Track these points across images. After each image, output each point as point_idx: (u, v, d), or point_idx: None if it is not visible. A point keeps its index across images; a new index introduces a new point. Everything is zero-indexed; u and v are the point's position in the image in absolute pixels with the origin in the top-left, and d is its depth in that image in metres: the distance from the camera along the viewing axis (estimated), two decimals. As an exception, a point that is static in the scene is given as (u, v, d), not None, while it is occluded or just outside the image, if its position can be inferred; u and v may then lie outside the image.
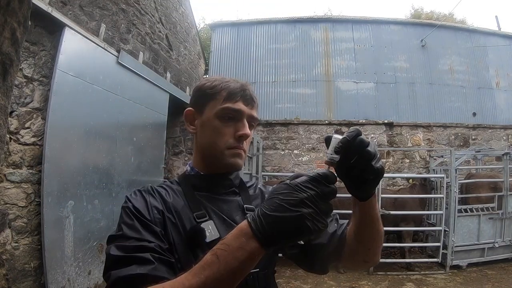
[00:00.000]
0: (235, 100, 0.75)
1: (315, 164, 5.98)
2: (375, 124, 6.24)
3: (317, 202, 0.49)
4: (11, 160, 2.55)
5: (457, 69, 7.90)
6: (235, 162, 0.76)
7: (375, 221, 0.69)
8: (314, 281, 4.09)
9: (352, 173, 0.59)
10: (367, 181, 0.59)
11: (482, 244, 4.50)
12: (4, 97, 0.76)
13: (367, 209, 0.66)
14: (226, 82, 0.78)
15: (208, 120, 0.77)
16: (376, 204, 0.68)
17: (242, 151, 0.76)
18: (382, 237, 0.72)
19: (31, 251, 2.67)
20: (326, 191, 0.50)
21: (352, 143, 0.57)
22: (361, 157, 0.57)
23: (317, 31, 8.18)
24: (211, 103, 0.77)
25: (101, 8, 3.61)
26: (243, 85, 0.78)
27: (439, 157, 5.78)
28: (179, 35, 6.15)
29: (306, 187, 0.50)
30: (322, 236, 0.76)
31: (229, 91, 0.76)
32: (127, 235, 0.61)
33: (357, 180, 0.60)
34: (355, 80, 7.80)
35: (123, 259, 0.57)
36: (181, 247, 0.68)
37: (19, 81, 2.56)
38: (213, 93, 0.77)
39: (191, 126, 0.82)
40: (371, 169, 0.57)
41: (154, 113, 4.64)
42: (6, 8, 0.72)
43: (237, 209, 0.77)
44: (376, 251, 0.74)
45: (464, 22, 14.94)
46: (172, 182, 0.81)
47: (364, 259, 0.75)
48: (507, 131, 6.48)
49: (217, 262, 0.50)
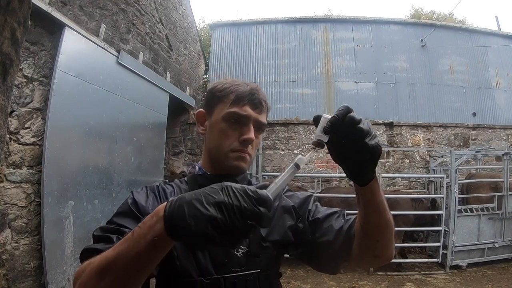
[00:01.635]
0: (242, 104, 0.76)
1: (315, 164, 5.98)
2: (375, 124, 6.24)
3: (234, 214, 0.43)
4: (11, 160, 2.55)
5: (457, 69, 7.90)
6: (238, 165, 0.76)
7: (380, 209, 0.64)
8: (314, 281, 4.09)
9: (346, 154, 0.56)
10: (363, 162, 0.56)
11: (482, 244, 4.50)
12: (4, 97, 0.76)
13: (370, 195, 0.62)
14: (236, 85, 0.78)
15: (215, 122, 0.78)
16: (380, 190, 0.63)
17: (247, 154, 0.76)
18: (391, 228, 0.67)
19: (31, 251, 2.67)
20: (249, 208, 0.43)
21: (342, 122, 0.54)
22: (353, 135, 0.54)
23: (317, 31, 8.18)
24: (219, 106, 0.78)
25: (101, 8, 3.61)
26: (253, 89, 0.78)
27: (439, 157, 5.78)
28: (179, 35, 6.15)
29: (233, 193, 0.44)
30: (328, 233, 0.74)
31: (237, 95, 0.76)
32: (113, 220, 0.68)
33: (353, 162, 0.57)
34: (355, 80, 7.80)
35: (97, 238, 0.63)
36: (180, 247, 0.69)
37: (19, 81, 2.56)
38: (222, 96, 0.78)
39: (201, 127, 0.84)
40: (365, 148, 0.53)
41: (154, 113, 4.64)
42: (6, 8, 0.72)
43: None
44: (386, 244, 0.69)
45: (464, 22, 14.94)
46: (181, 182, 0.83)
47: (374, 254, 0.69)
48: (507, 131, 6.48)
49: (131, 238, 0.49)
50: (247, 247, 0.73)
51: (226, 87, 0.78)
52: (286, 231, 0.78)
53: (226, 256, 0.71)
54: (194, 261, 0.69)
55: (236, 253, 0.72)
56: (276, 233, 0.77)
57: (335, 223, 0.76)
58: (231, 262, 0.71)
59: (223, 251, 0.71)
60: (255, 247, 0.73)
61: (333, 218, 0.77)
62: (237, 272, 0.70)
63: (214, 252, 0.70)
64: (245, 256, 0.72)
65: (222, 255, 0.70)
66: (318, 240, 0.75)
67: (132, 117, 4.09)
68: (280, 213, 0.81)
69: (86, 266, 0.53)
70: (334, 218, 0.77)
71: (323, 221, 0.77)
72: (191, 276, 0.68)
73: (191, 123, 6.42)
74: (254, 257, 0.73)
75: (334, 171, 5.77)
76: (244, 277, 0.70)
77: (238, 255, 0.72)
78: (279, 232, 0.78)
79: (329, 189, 5.30)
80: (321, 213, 0.79)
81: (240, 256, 0.72)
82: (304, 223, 0.79)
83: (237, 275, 0.70)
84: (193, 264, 0.69)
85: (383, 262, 0.73)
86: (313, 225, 0.78)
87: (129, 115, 3.98)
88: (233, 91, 0.77)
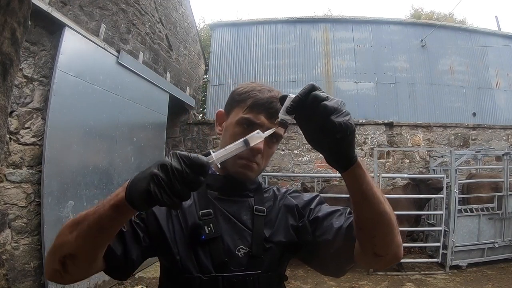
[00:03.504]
0: (257, 112, 0.74)
1: (315, 164, 5.98)
2: (375, 124, 6.24)
3: (173, 173, 0.47)
4: (11, 160, 2.55)
5: (457, 69, 7.90)
6: (243, 173, 0.76)
7: (369, 198, 0.57)
8: (314, 281, 4.09)
9: (317, 136, 0.53)
10: (335, 143, 0.51)
11: (482, 244, 4.49)
12: (4, 97, 0.76)
13: (353, 182, 0.56)
14: (257, 91, 0.77)
15: (230, 125, 0.78)
16: (367, 177, 0.57)
17: (254, 164, 0.75)
18: (389, 222, 0.60)
19: (31, 251, 2.67)
20: (186, 171, 0.48)
21: (305, 100, 0.51)
22: (318, 114, 0.49)
23: (317, 31, 8.18)
24: (236, 109, 0.78)
25: (101, 8, 3.61)
26: (272, 97, 0.75)
27: (439, 157, 5.78)
28: (179, 35, 6.15)
29: (176, 157, 0.49)
30: (328, 232, 0.72)
31: (254, 101, 0.75)
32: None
33: (326, 144, 0.52)
34: (355, 80, 7.80)
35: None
36: (181, 242, 0.71)
37: (19, 81, 2.56)
38: (240, 99, 0.77)
39: (219, 127, 0.84)
40: (332, 125, 0.48)
41: (154, 113, 4.64)
42: (6, 8, 0.72)
43: (247, 209, 0.77)
44: (386, 241, 0.62)
45: (464, 22, 14.95)
46: None
47: (374, 251, 0.63)
48: (507, 131, 6.48)
49: (101, 202, 0.55)
50: (249, 247, 0.72)
51: (246, 91, 0.77)
52: (290, 231, 0.77)
53: (226, 255, 0.71)
54: (195, 258, 0.70)
55: (237, 253, 0.72)
56: (279, 234, 0.77)
57: (335, 222, 0.73)
58: (231, 262, 0.70)
59: (224, 250, 0.71)
60: (257, 248, 0.73)
61: (334, 216, 0.75)
62: (237, 271, 0.70)
63: (215, 250, 0.70)
64: (246, 256, 0.72)
65: (222, 254, 0.70)
66: (318, 239, 0.74)
67: (132, 117, 4.09)
68: (283, 212, 0.80)
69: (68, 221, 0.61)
70: (335, 217, 0.74)
71: (323, 220, 0.75)
72: (191, 272, 0.69)
73: (191, 123, 6.43)
74: (256, 258, 0.72)
75: (334, 171, 5.75)
76: (243, 277, 0.70)
77: (239, 255, 0.72)
78: (283, 233, 0.77)
79: (332, 186, 5.27)
80: (322, 211, 0.77)
81: (241, 256, 0.72)
82: (304, 223, 0.77)
83: (236, 274, 0.70)
84: (193, 261, 0.69)
85: (388, 262, 0.66)
86: (314, 224, 0.76)
87: (129, 115, 3.98)
88: (251, 97, 0.76)
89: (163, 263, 0.75)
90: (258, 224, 0.75)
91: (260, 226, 0.75)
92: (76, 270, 0.59)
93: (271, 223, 0.77)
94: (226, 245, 0.71)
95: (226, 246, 0.71)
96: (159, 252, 0.73)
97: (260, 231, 0.74)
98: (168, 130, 5.26)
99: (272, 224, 0.77)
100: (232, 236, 0.73)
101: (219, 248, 0.70)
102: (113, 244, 0.64)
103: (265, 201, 0.80)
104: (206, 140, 6.29)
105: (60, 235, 0.59)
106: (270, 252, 0.74)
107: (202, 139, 6.32)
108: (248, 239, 0.73)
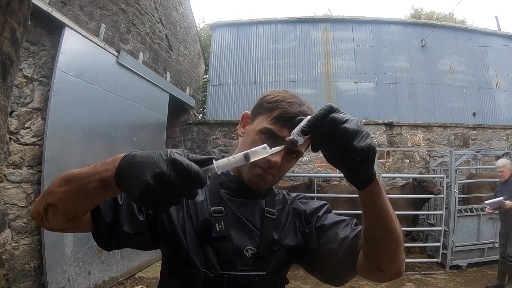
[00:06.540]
0: (282, 125, 0.73)
1: (315, 164, 5.98)
2: (375, 124, 6.25)
3: (168, 187, 0.44)
4: (11, 160, 2.55)
5: (457, 69, 7.90)
6: (256, 182, 0.75)
7: (382, 216, 0.58)
8: (314, 281, 4.09)
9: (336, 157, 0.52)
10: (355, 164, 0.50)
11: (482, 244, 4.49)
12: (4, 97, 0.76)
13: (369, 199, 0.57)
14: (287, 103, 0.75)
15: (253, 131, 0.76)
16: (383, 195, 0.57)
17: (270, 175, 0.74)
18: (397, 240, 0.61)
19: (31, 251, 2.67)
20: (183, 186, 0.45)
21: (322, 122, 0.49)
22: (337, 137, 0.48)
23: (317, 31, 8.18)
24: (262, 117, 0.76)
25: (101, 8, 3.61)
26: (300, 112, 0.72)
27: (439, 157, 5.78)
28: (179, 35, 6.15)
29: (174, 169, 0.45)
30: (332, 241, 0.73)
31: (281, 114, 0.73)
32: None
33: (345, 164, 0.52)
34: (355, 80, 7.80)
35: None
36: (191, 237, 0.71)
37: (19, 81, 2.56)
38: (268, 108, 0.76)
39: (242, 129, 0.83)
40: (353, 150, 0.48)
41: (154, 113, 4.64)
42: (6, 8, 0.72)
43: (258, 210, 0.78)
44: (391, 258, 0.63)
45: (464, 22, 14.94)
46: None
47: (378, 266, 0.63)
48: (507, 131, 6.48)
49: (92, 168, 0.53)
50: (256, 248, 0.73)
51: (276, 101, 0.75)
52: (298, 235, 0.78)
53: (234, 254, 0.71)
54: (202, 253, 0.70)
55: (245, 253, 0.72)
56: (288, 237, 0.77)
57: (341, 232, 0.73)
58: (238, 261, 0.71)
59: (233, 249, 0.71)
60: (264, 250, 0.73)
61: (340, 226, 0.75)
62: (243, 271, 0.70)
63: (223, 248, 0.70)
64: (253, 257, 0.72)
65: (230, 252, 0.71)
66: (322, 247, 0.74)
67: (132, 117, 4.09)
68: (292, 216, 0.80)
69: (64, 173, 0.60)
70: (341, 226, 0.75)
71: (329, 229, 0.76)
72: (197, 267, 0.69)
73: (191, 123, 6.43)
74: (263, 259, 0.72)
75: (334, 171, 5.76)
76: (248, 277, 0.70)
77: (246, 255, 0.72)
78: (292, 237, 0.77)
79: (331, 186, 5.27)
80: (329, 220, 0.78)
81: (248, 256, 0.72)
82: (311, 229, 0.78)
83: (242, 274, 0.70)
84: (200, 256, 0.70)
85: (389, 277, 0.66)
86: (319, 232, 0.77)
87: (129, 115, 3.98)
88: (280, 108, 0.74)
89: (166, 255, 0.75)
90: (268, 226, 0.75)
91: (269, 228, 0.75)
92: (54, 220, 0.59)
93: (280, 226, 0.78)
94: (235, 244, 0.72)
95: (234, 245, 0.71)
96: (164, 240, 0.71)
97: (269, 233, 0.75)
98: (168, 130, 5.26)
99: (282, 227, 0.78)
100: (241, 236, 0.73)
101: (227, 246, 0.71)
102: (104, 211, 0.64)
103: (275, 204, 0.81)
104: (206, 140, 6.29)
105: (53, 183, 0.59)
106: (277, 255, 0.74)
107: (202, 139, 6.32)
108: (256, 240, 0.73)
